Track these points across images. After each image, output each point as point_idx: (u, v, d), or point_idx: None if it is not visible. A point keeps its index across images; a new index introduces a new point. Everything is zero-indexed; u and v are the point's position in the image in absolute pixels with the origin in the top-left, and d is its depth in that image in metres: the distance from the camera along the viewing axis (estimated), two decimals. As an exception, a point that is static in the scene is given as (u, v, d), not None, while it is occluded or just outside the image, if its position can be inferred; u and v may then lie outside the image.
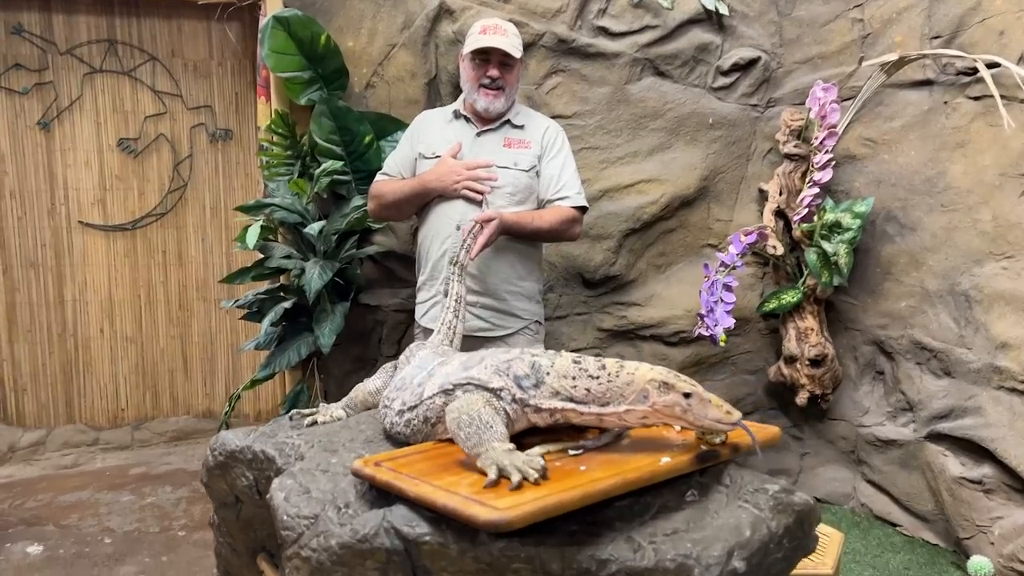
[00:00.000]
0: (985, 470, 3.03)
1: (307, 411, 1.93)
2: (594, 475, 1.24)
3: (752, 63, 3.64)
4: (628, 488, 1.23)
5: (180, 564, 3.28)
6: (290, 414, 1.92)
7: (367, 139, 3.25)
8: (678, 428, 1.46)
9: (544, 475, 1.24)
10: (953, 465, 3.12)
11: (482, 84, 2.62)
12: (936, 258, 3.23)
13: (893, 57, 3.24)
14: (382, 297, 3.45)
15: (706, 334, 3.29)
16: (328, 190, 3.29)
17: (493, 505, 1.14)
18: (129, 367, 4.60)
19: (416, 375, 1.67)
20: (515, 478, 1.22)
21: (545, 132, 2.71)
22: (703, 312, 3.29)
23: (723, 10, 3.55)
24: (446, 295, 2.37)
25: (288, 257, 3.21)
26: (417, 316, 2.82)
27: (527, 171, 2.65)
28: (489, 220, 2.45)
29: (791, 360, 3.56)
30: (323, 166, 3.12)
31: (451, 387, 1.50)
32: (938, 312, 3.23)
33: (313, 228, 3.07)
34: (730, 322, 3.25)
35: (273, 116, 3.22)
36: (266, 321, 3.14)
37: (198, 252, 4.61)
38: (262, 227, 3.09)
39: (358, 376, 3.54)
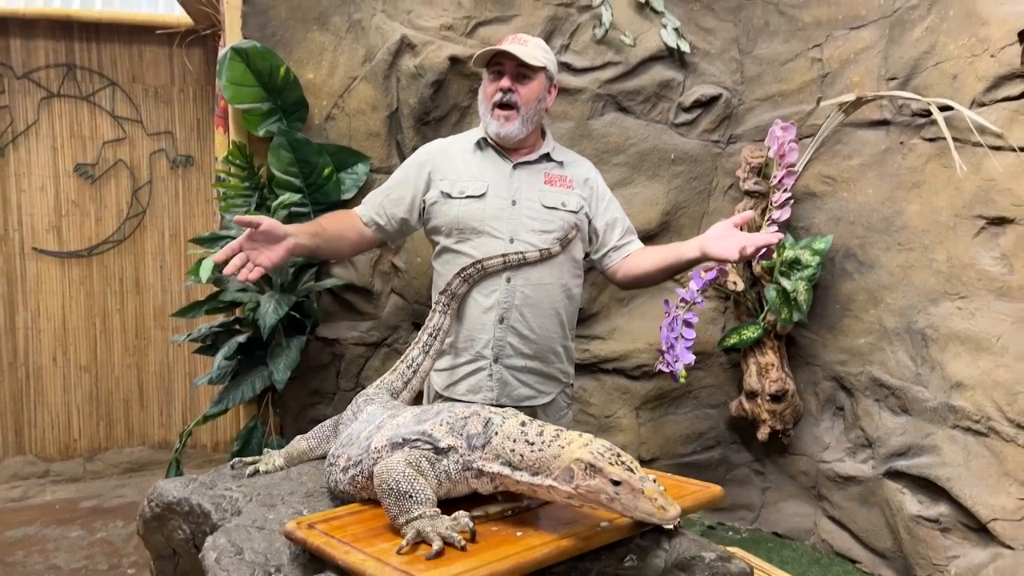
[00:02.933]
0: (942, 509, 3.03)
1: (249, 459, 1.89)
2: (529, 542, 1.20)
3: (714, 100, 3.66)
4: (563, 557, 1.20)
5: (127, 605, 3.19)
6: (232, 463, 1.87)
7: (326, 171, 3.22)
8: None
9: (473, 538, 1.21)
10: (911, 503, 3.12)
11: (495, 103, 2.27)
12: (894, 296, 3.25)
13: (851, 97, 3.27)
14: (340, 330, 3.40)
15: (666, 370, 3.27)
16: (286, 222, 3.23)
17: (422, 579, 1.10)
18: (82, 396, 4.49)
19: (363, 430, 1.60)
20: (436, 544, 1.18)
21: (587, 178, 2.48)
22: (663, 348, 3.27)
23: (685, 47, 3.57)
24: (430, 332, 2.15)
25: (244, 290, 3.15)
26: (438, 384, 2.44)
27: (576, 212, 2.40)
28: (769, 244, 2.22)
29: (752, 395, 3.56)
30: (281, 198, 3.08)
31: (401, 441, 1.43)
32: (896, 350, 3.24)
33: (269, 261, 3.01)
34: (690, 358, 3.23)
35: (230, 147, 3.17)
36: (219, 355, 3.08)
37: (156, 279, 4.52)
38: (217, 260, 3.03)
39: (315, 411, 3.49)
